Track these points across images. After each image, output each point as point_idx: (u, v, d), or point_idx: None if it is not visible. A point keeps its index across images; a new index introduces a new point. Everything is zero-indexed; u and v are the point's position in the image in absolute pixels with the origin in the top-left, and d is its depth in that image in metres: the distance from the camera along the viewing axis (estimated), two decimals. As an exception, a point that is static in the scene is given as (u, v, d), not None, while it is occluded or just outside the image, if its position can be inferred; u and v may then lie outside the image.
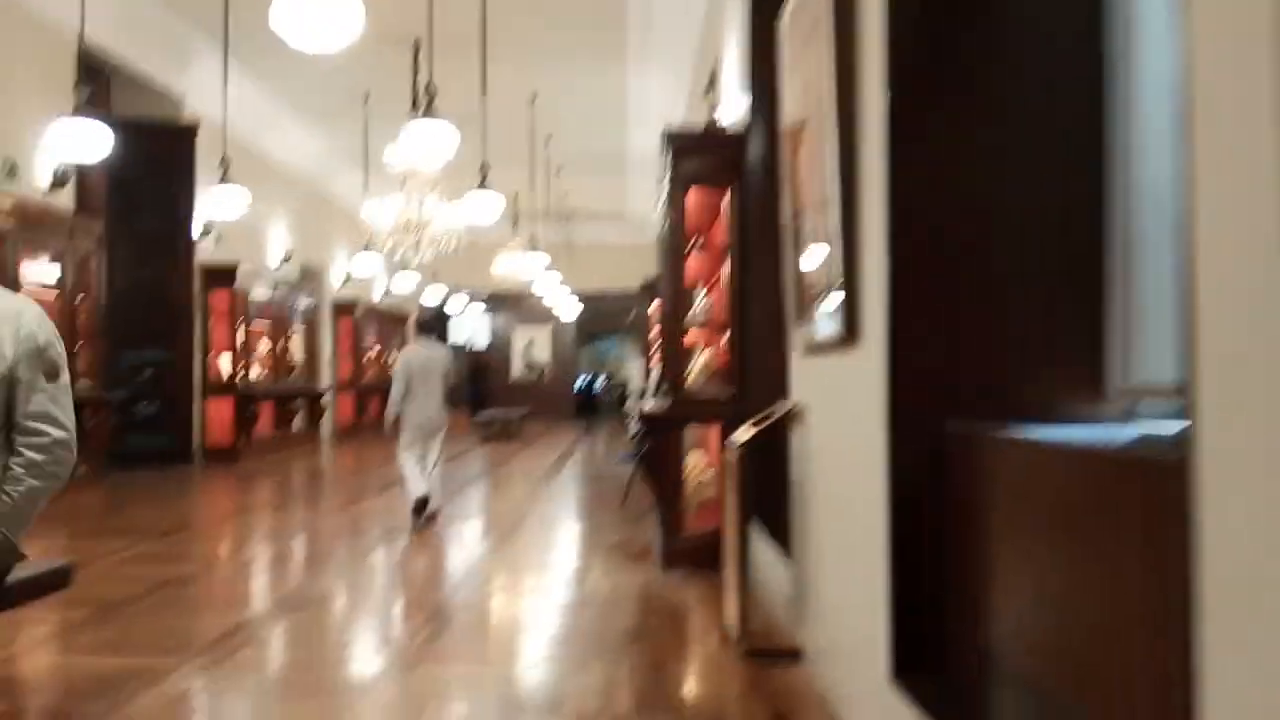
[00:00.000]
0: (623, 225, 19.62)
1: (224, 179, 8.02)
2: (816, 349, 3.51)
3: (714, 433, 5.70)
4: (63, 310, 8.43)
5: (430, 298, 17.24)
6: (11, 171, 8.16)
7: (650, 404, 7.13)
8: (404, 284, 15.16)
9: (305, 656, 4.00)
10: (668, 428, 5.55)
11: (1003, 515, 2.17)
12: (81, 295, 8.72)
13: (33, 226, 7.97)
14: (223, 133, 8.70)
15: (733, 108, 6.01)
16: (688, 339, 5.65)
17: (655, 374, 7.34)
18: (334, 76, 11.33)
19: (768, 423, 4.04)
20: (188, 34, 10.24)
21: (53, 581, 3.31)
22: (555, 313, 20.94)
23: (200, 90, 10.88)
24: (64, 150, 6.01)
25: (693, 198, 5.50)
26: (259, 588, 5.25)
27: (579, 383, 25.69)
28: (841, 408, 3.19)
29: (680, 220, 5.42)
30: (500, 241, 15.23)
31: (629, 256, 19.87)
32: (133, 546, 6.12)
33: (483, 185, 7.76)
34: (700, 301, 5.76)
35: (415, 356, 7.32)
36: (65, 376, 2.54)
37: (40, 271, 8.23)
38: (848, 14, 2.85)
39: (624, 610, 4.65)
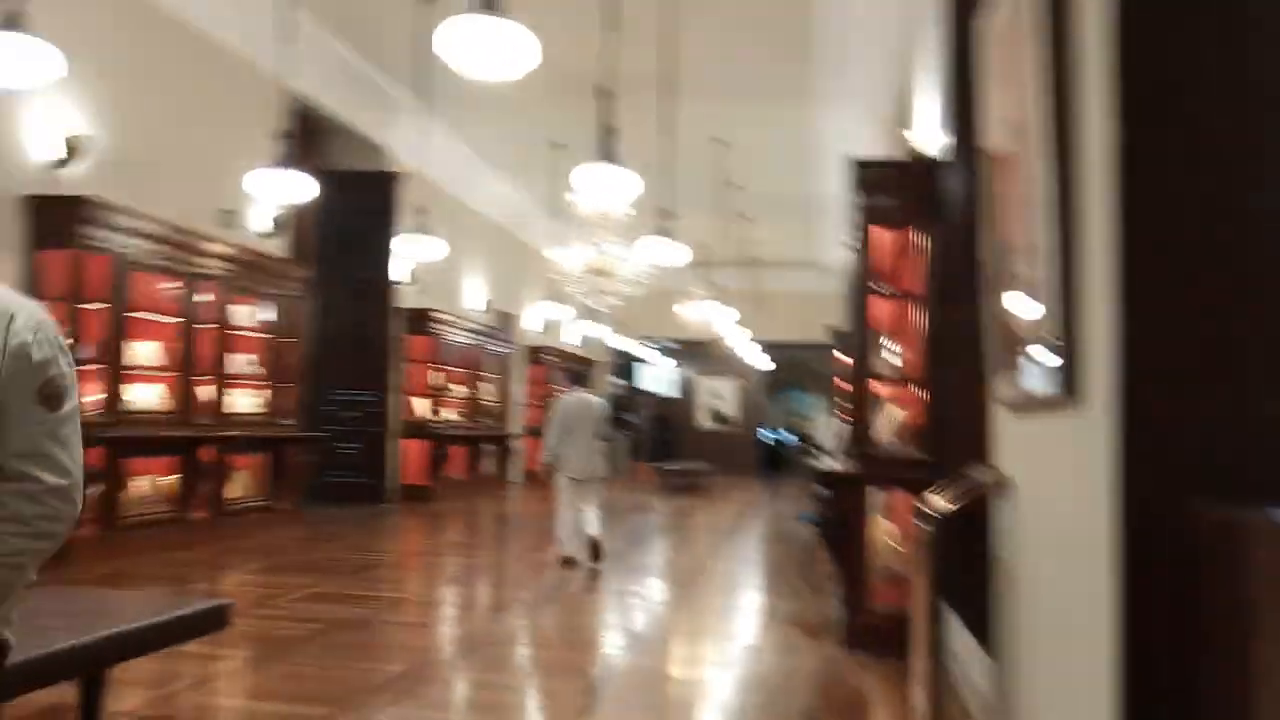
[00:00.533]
0: (813, 273, 19.11)
1: (423, 229, 8.26)
2: (1025, 408, 3.00)
3: (903, 497, 5.18)
4: (273, 351, 8.91)
5: (617, 345, 17.32)
6: (230, 220, 8.75)
7: (835, 463, 6.66)
8: (592, 331, 15.29)
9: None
10: (853, 490, 5.08)
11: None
12: (289, 338, 9.17)
13: (246, 272, 8.47)
14: (420, 178, 9.01)
15: (928, 139, 5.55)
16: (876, 392, 5.19)
17: (841, 431, 6.86)
18: (524, 126, 11.63)
19: (967, 493, 3.54)
20: (392, 90, 10.76)
21: (208, 622, 3.24)
22: (742, 364, 20.60)
23: (403, 142, 11.41)
24: (266, 196, 6.31)
25: (882, 236, 5.07)
26: (427, 636, 5.15)
27: (765, 436, 25.14)
28: (1057, 478, 2.68)
29: (867, 261, 4.99)
30: (686, 290, 15.12)
31: (819, 306, 19.26)
32: (318, 583, 6.23)
33: (664, 232, 7.60)
34: (892, 352, 5.28)
35: (571, 404, 7.45)
36: (72, 403, 1.85)
37: (249, 314, 8.71)
38: (1063, 30, 2.40)
39: (799, 695, 4.21)
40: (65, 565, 6.21)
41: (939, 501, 3.58)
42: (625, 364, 23.16)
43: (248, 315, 8.73)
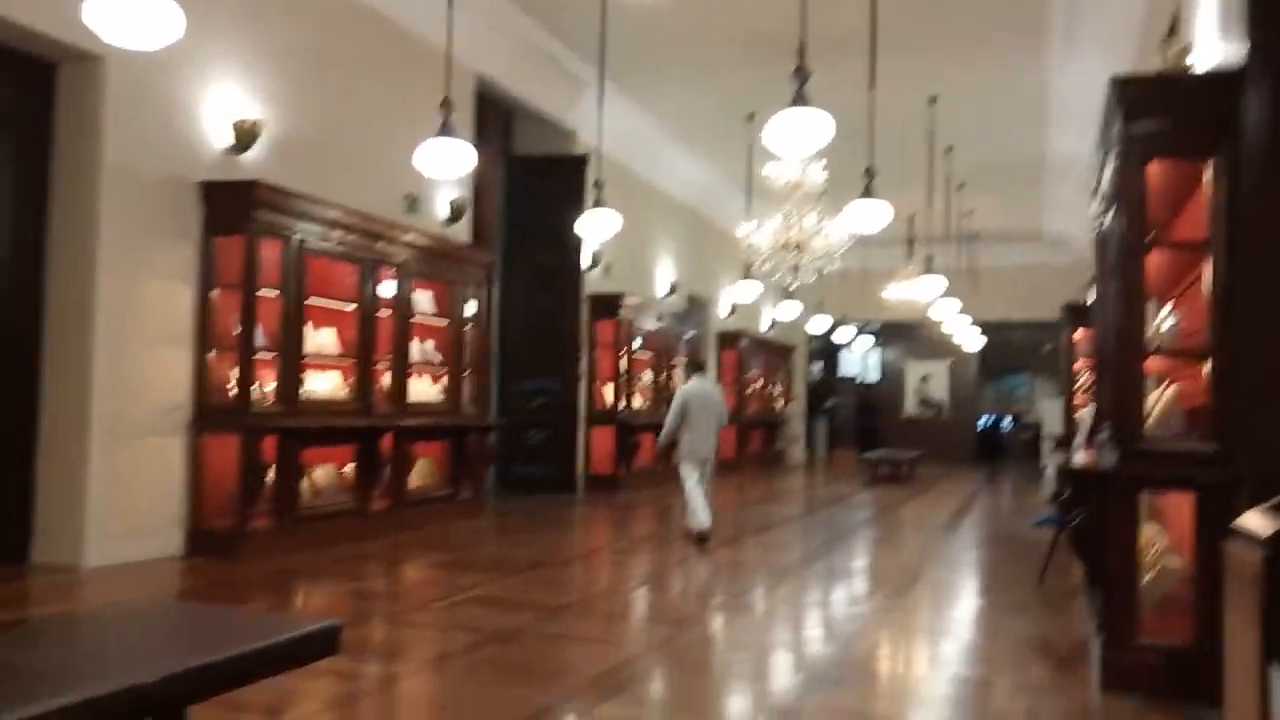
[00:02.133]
0: (1036, 246, 17.32)
1: (598, 202, 7.70)
2: None
3: (1183, 501, 4.06)
4: (455, 339, 8.63)
5: (816, 328, 16.30)
6: (412, 205, 8.53)
7: (1081, 456, 5.52)
8: (788, 313, 14.38)
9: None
10: (1114, 491, 4.02)
11: None
12: (470, 325, 8.88)
13: (427, 258, 8.20)
14: (598, 155, 8.47)
15: (1211, 53, 4.36)
16: (1146, 371, 4.09)
17: (1087, 417, 5.70)
18: (717, 98, 10.90)
19: (1310, 503, 2.50)
20: (577, 68, 10.30)
21: (315, 647, 2.70)
22: (954, 345, 18.99)
23: (590, 123, 10.96)
24: (428, 169, 5.88)
25: (1154, 174, 3.97)
26: (587, 655, 4.52)
27: (981, 423, 23.23)
28: None
29: (1138, 204, 3.91)
30: (893, 268, 13.93)
31: (1042, 281, 17.47)
32: (485, 584, 5.77)
33: (868, 192, 6.63)
34: (1165, 319, 4.16)
35: (693, 391, 7.89)
36: None
37: (429, 301, 8.45)
38: None
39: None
40: (238, 559, 6.07)
41: (1274, 517, 2.55)
42: (825, 348, 22.02)
43: (429, 302, 8.48)
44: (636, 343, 12.54)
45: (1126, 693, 3.94)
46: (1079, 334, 11.59)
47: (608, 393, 12.01)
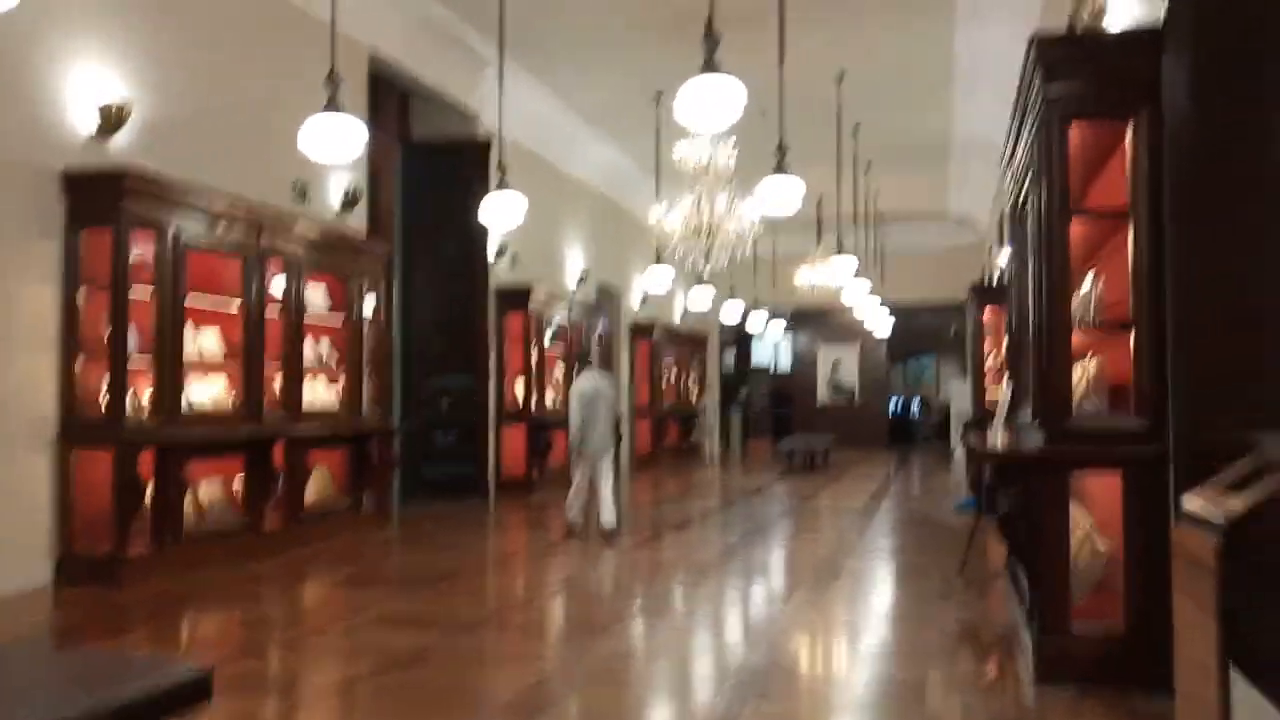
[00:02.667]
0: (942, 227, 17.50)
1: (502, 186, 7.33)
2: None
3: (1109, 481, 3.95)
4: (352, 337, 8.15)
5: (728, 317, 16.18)
6: (302, 193, 8.01)
7: (1001, 437, 5.42)
8: (701, 301, 14.19)
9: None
10: (1041, 474, 3.87)
11: None
12: (369, 322, 8.40)
13: (322, 250, 7.71)
14: (501, 139, 8.09)
15: (1125, 14, 4.25)
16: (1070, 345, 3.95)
17: (1005, 396, 5.61)
18: (624, 78, 10.60)
19: (1265, 485, 2.34)
20: (480, 47, 9.86)
21: (180, 698, 2.32)
22: (865, 329, 19.13)
23: (494, 106, 10.55)
24: (313, 149, 5.45)
25: (1073, 138, 3.82)
26: (501, 676, 4.19)
27: (892, 407, 23.54)
28: None
29: (1061, 169, 3.76)
30: (802, 252, 13.88)
31: (948, 263, 17.72)
32: (390, 601, 5.39)
33: (780, 168, 6.43)
34: (1086, 291, 4.04)
35: (583, 389, 7.90)
36: None
37: (323, 297, 7.96)
38: None
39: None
40: (117, 587, 5.55)
41: (1225, 500, 2.38)
42: (737, 337, 21.99)
43: (322, 298, 7.99)
44: (547, 337, 12.18)
45: (1061, 683, 3.81)
46: (986, 314, 11.69)
47: (519, 389, 11.63)
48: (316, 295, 7.89)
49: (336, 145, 5.43)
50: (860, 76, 10.21)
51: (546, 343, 12.08)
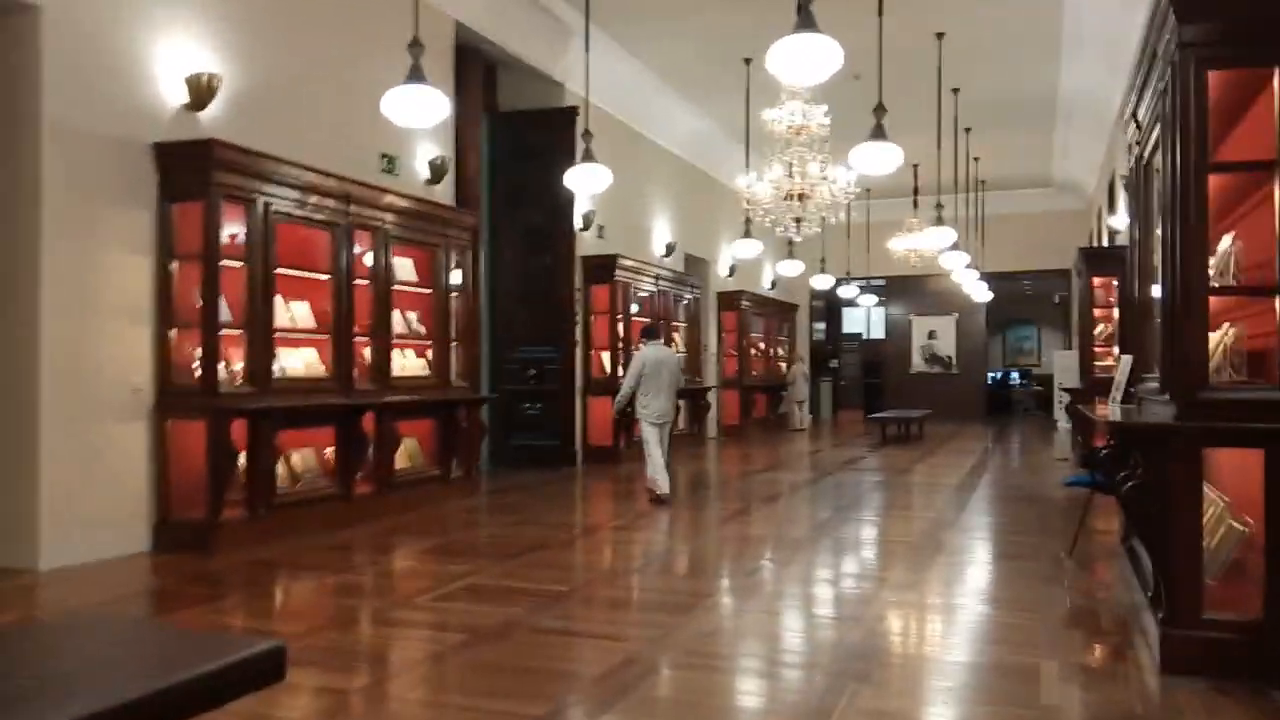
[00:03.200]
0: (1044, 193, 16.74)
1: (587, 155, 7.18)
2: None
3: (1248, 457, 3.60)
4: (440, 307, 8.14)
5: (819, 285, 15.79)
6: (390, 165, 8.01)
7: (1116, 409, 5.06)
8: (790, 270, 13.87)
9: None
10: (1174, 449, 3.55)
11: None
12: (457, 292, 8.38)
13: (408, 222, 7.69)
14: (587, 107, 7.92)
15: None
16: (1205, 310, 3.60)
17: (1125, 366, 5.22)
18: (711, 42, 10.32)
19: None
20: (564, 14, 9.71)
21: (255, 674, 2.24)
22: (962, 298, 18.46)
23: (579, 74, 10.39)
24: (396, 116, 5.38)
25: (1212, 86, 3.46)
26: (587, 653, 4.07)
27: (990, 378, 22.74)
28: None
29: (1200, 119, 3.40)
30: (898, 220, 13.40)
31: (1051, 229, 16.93)
32: (477, 572, 5.33)
33: (878, 132, 6.12)
34: (1226, 252, 3.68)
35: (649, 356, 8.06)
36: None
37: (411, 268, 7.95)
38: None
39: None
40: (211, 554, 5.64)
41: None
42: (828, 305, 21.51)
43: (410, 269, 7.98)
44: (634, 307, 12.05)
45: (1191, 675, 3.51)
46: (1096, 280, 11.10)
47: (605, 360, 11.54)
48: (405, 266, 7.90)
49: (420, 113, 5.36)
50: (961, 37, 9.71)
51: (633, 313, 11.96)
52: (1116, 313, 10.34)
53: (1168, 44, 3.60)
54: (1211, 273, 3.61)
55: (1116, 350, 8.81)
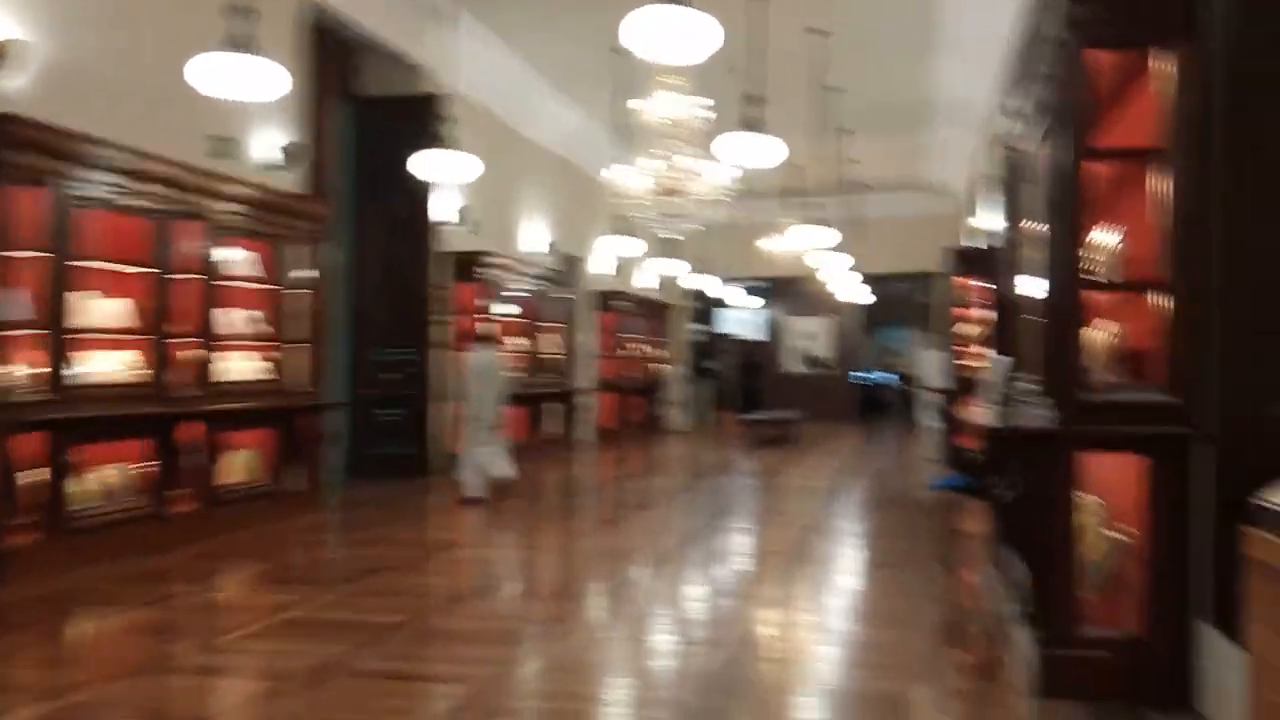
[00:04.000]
0: (916, 195, 16.96)
1: (446, 142, 6.66)
2: None
3: (1126, 465, 3.39)
4: (283, 305, 7.44)
5: (696, 286, 15.58)
6: (222, 149, 7.26)
7: (990, 412, 4.85)
8: (667, 270, 13.57)
9: None
10: (1050, 454, 3.30)
11: None
12: (306, 288, 7.70)
13: (250, 211, 6.99)
14: (453, 95, 7.37)
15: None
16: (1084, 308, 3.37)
17: (998, 366, 5.04)
18: (584, 29, 9.87)
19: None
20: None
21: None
22: (839, 299, 18.54)
23: (445, 61, 9.78)
24: (209, 87, 4.76)
25: (1095, 67, 3.23)
26: (414, 699, 3.58)
27: (863, 380, 23.05)
28: None
29: (1083, 103, 3.17)
30: (775, 221, 13.24)
31: (923, 231, 17.20)
32: (304, 602, 4.73)
33: (751, 124, 5.81)
34: (1108, 244, 3.46)
35: (476, 361, 8.36)
36: None
37: (249, 262, 7.24)
38: None
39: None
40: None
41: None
42: (706, 307, 21.36)
43: (250, 263, 7.27)
44: (506, 307, 11.50)
45: (1069, 697, 3.28)
46: (964, 280, 11.18)
47: (472, 362, 10.94)
48: (244, 260, 7.18)
49: (243, 87, 4.74)
50: (839, 34, 9.55)
51: (502, 312, 11.41)
52: (985, 313, 10.40)
53: (1054, 25, 3.36)
54: (1094, 268, 3.39)
55: (986, 350, 8.80)
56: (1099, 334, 3.54)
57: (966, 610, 4.72)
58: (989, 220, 10.28)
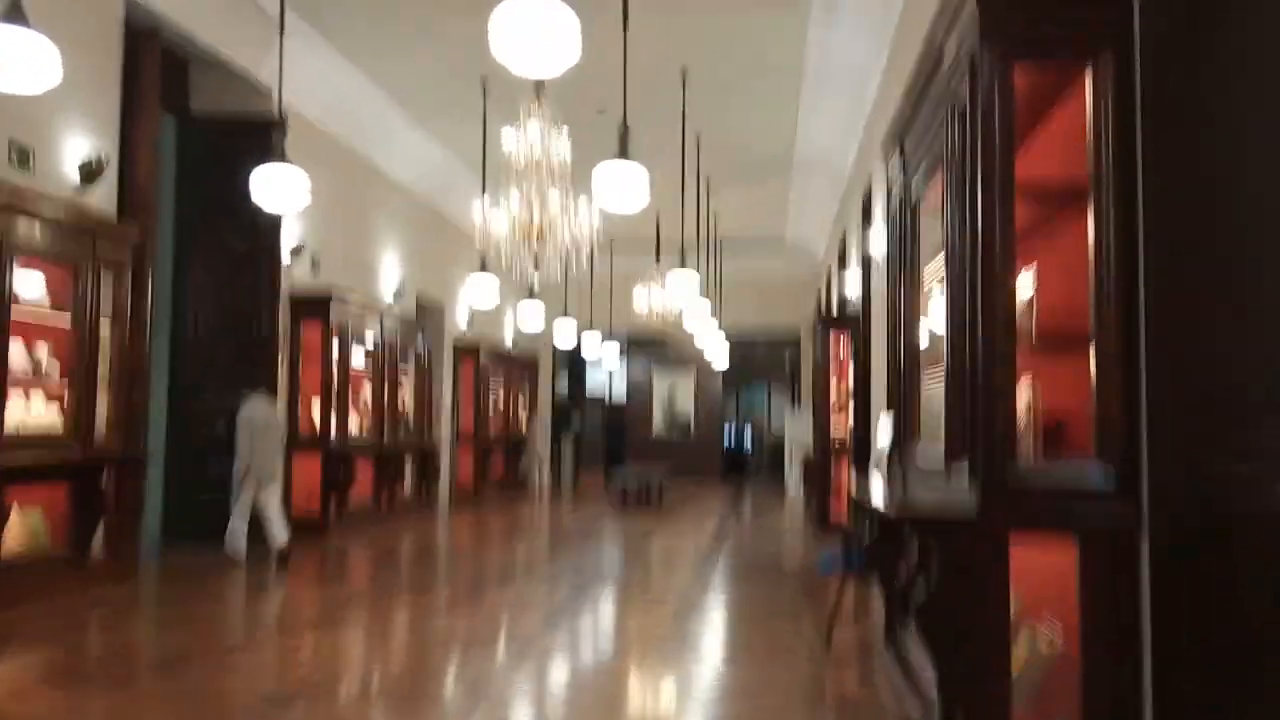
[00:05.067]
0: (777, 255, 16.95)
1: (279, 156, 5.88)
2: None
3: (1058, 552, 2.94)
4: (79, 341, 6.40)
5: (562, 339, 14.99)
6: (24, 160, 6.27)
7: (882, 494, 4.38)
8: (532, 318, 12.93)
9: None
10: (976, 544, 2.81)
11: None
12: (112, 323, 6.69)
13: (43, 231, 6.00)
14: (285, 115, 6.60)
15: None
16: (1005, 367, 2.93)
17: (886, 431, 4.60)
18: (447, 59, 9.26)
19: None
20: (273, 11, 8.29)
21: None
22: (701, 356, 18.24)
23: (294, 82, 8.97)
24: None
25: (1019, 89, 2.83)
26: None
27: (727, 439, 22.87)
28: None
29: (1005, 122, 2.75)
30: (639, 272, 12.82)
31: (784, 291, 17.26)
32: (72, 710, 3.80)
33: (623, 154, 5.32)
34: (1025, 292, 3.06)
35: (255, 411, 7.90)
36: None
37: (41, 290, 6.22)
38: None
39: None
40: None
41: None
42: (571, 362, 20.78)
43: (41, 292, 6.24)
44: (354, 353, 10.59)
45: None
46: (832, 342, 11.01)
47: (315, 412, 9.97)
48: (33, 287, 6.16)
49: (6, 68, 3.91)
50: (705, 74, 9.27)
51: (352, 359, 10.50)
52: (854, 374, 10.19)
53: (963, 41, 2.96)
54: (1019, 321, 2.97)
55: (883, 412, 8.52)
56: (1022, 396, 3.11)
57: (859, 707, 4.20)
58: (853, 281, 10.17)
